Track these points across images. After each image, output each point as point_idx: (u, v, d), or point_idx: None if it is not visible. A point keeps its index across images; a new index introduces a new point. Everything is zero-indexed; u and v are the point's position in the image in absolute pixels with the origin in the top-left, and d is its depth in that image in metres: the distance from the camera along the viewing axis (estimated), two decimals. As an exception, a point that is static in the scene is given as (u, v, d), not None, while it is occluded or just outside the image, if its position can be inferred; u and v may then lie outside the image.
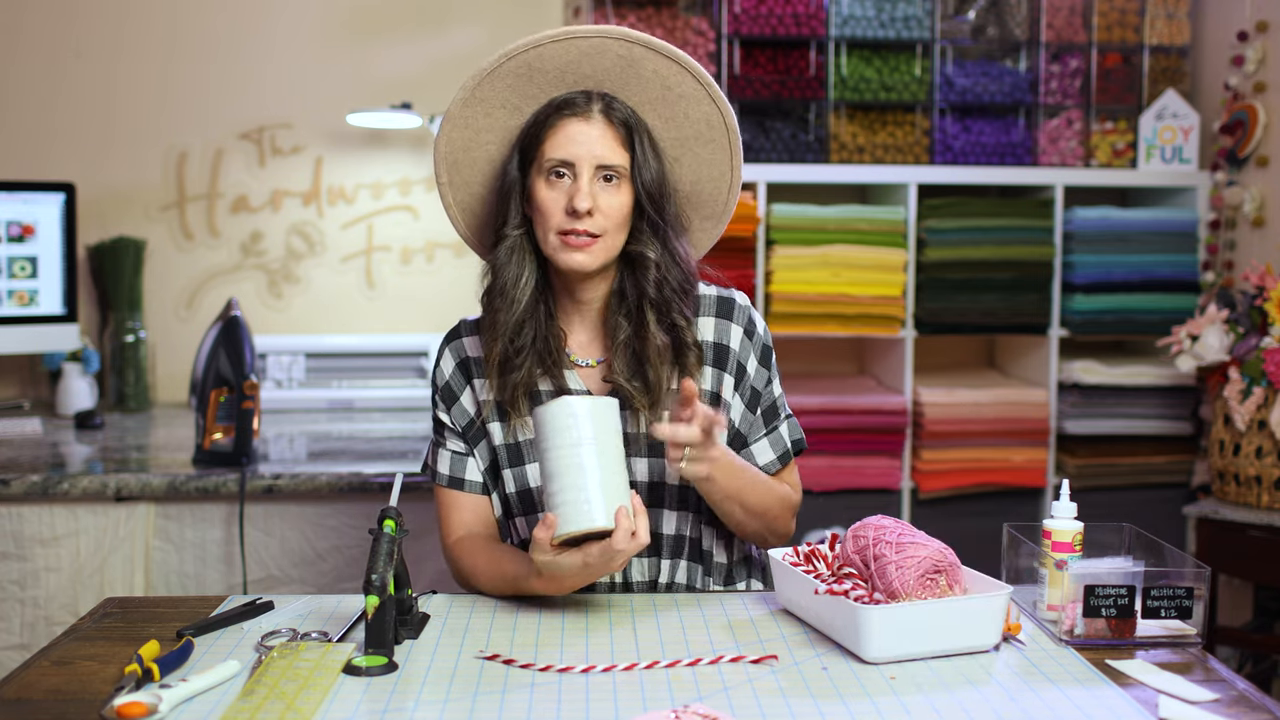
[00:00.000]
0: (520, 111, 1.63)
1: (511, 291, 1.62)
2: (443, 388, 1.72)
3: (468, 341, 1.72)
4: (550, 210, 1.58)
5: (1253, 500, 2.81)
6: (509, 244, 1.63)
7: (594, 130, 1.58)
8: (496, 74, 1.59)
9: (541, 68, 1.59)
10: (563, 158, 1.58)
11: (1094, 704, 1.27)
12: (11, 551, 2.32)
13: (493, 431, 1.68)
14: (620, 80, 1.61)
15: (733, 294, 1.73)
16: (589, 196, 1.56)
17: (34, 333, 3.02)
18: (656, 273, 1.62)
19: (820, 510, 3.09)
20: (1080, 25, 3.26)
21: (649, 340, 1.62)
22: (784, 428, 1.74)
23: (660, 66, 1.60)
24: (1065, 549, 1.52)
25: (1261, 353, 2.74)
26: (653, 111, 1.63)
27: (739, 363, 1.70)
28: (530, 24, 3.32)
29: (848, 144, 3.20)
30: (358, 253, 3.38)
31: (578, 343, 1.69)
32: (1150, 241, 3.22)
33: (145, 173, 3.30)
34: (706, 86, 1.62)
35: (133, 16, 3.27)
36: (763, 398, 1.72)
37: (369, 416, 3.07)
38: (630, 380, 1.63)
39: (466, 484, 1.70)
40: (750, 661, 1.38)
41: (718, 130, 1.66)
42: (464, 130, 1.64)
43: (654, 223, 1.62)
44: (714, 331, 1.69)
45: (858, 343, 3.55)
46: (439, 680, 1.32)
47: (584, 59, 1.58)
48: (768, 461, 1.72)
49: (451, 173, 1.68)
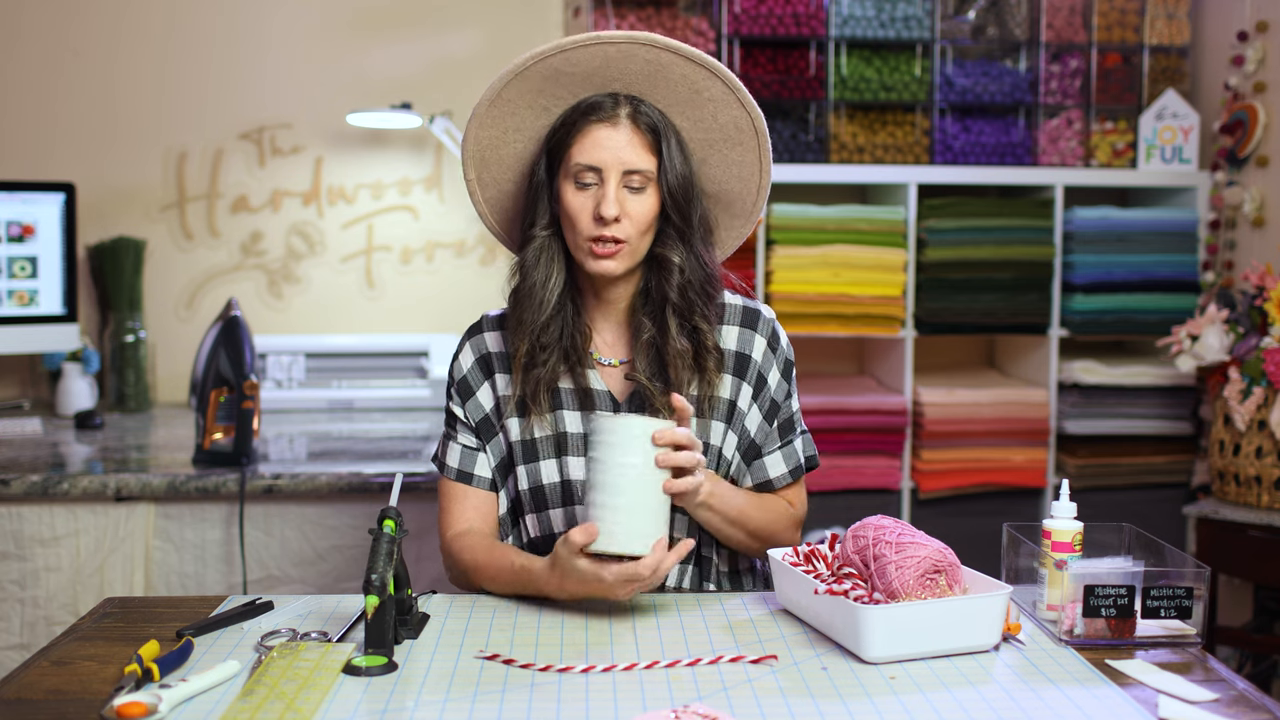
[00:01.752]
0: (548, 112, 1.63)
1: (540, 292, 1.63)
2: (459, 381, 1.72)
3: (489, 337, 1.73)
4: (578, 216, 1.59)
5: (1253, 500, 2.81)
6: (537, 245, 1.64)
7: (621, 136, 1.58)
8: (523, 76, 1.59)
9: (569, 71, 1.59)
10: (589, 163, 1.58)
11: (1094, 704, 1.27)
12: (11, 551, 2.32)
13: (510, 427, 1.69)
14: (648, 84, 1.60)
15: (759, 306, 1.74)
16: (616, 203, 1.57)
17: (34, 333, 3.02)
18: (680, 276, 1.63)
19: (820, 510, 3.09)
20: (1080, 25, 3.26)
21: (670, 343, 1.63)
22: (798, 442, 1.75)
23: (689, 71, 1.59)
24: (1065, 549, 1.52)
25: (1261, 353, 2.74)
26: (680, 113, 1.63)
27: (760, 374, 1.70)
28: (530, 24, 3.32)
29: (848, 144, 3.20)
30: (358, 253, 3.38)
31: (603, 341, 1.70)
32: (1150, 241, 3.22)
33: (145, 173, 3.30)
34: (735, 90, 1.61)
35: (132, 16, 3.27)
36: (781, 411, 1.73)
37: (369, 416, 3.07)
38: (652, 380, 1.64)
39: (475, 479, 1.70)
40: (750, 661, 1.38)
41: (746, 133, 1.66)
42: (491, 129, 1.64)
43: (679, 226, 1.63)
44: (737, 340, 1.70)
45: (858, 343, 3.55)
46: (439, 680, 1.32)
47: (611, 64, 1.58)
48: (779, 474, 1.72)
49: (480, 170, 1.68)
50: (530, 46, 1.60)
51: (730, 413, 1.68)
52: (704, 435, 1.67)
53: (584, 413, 1.67)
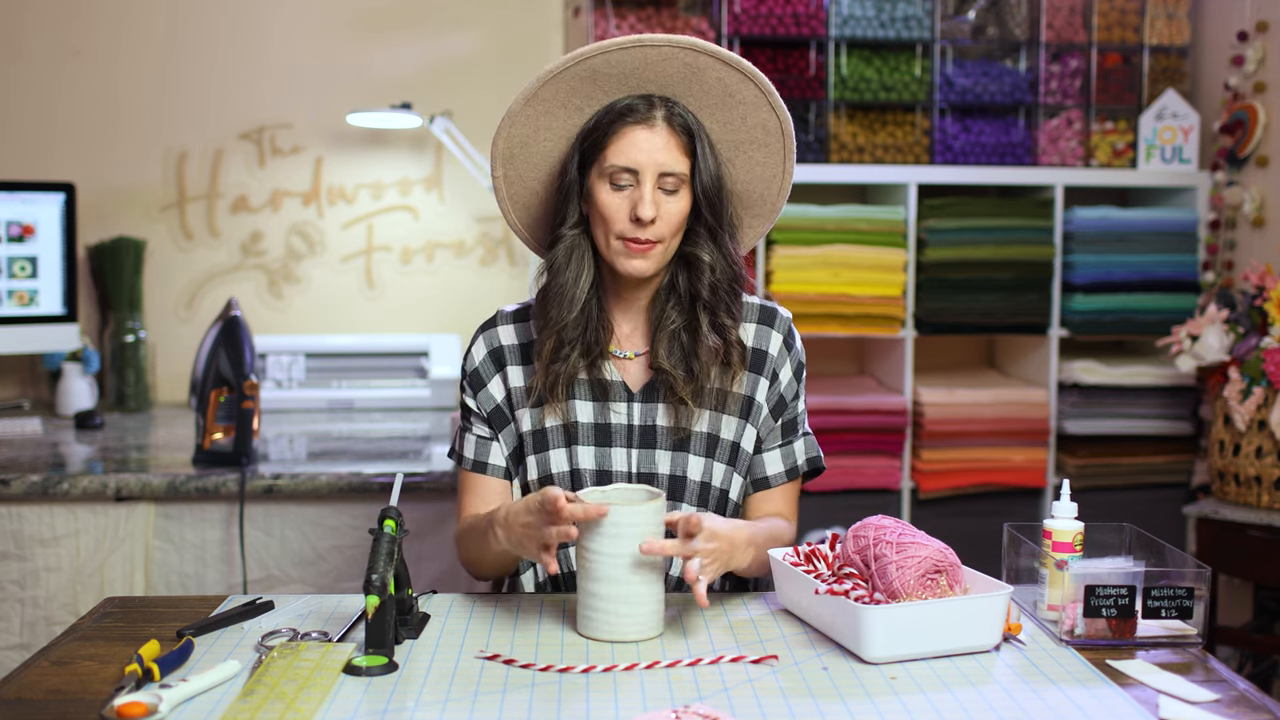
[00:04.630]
0: (582, 111, 1.64)
1: (571, 290, 1.65)
2: (471, 374, 1.75)
3: (502, 330, 1.75)
4: (613, 216, 1.61)
5: (1253, 500, 2.81)
6: (567, 243, 1.66)
7: (658, 138, 1.60)
8: (561, 76, 1.60)
9: (606, 72, 1.60)
10: (626, 165, 1.59)
11: (1094, 704, 1.27)
12: (11, 551, 2.32)
13: (521, 418, 1.71)
14: (683, 86, 1.62)
15: (776, 306, 1.76)
16: (653, 205, 1.59)
17: (34, 333, 3.02)
18: (711, 275, 1.65)
19: (820, 510, 3.09)
20: (1080, 25, 3.26)
21: (701, 341, 1.65)
22: (799, 443, 1.76)
23: (724, 74, 1.61)
24: (1065, 549, 1.52)
25: (1261, 353, 2.74)
26: (710, 115, 1.65)
27: (774, 370, 1.73)
28: (530, 24, 3.32)
29: (848, 144, 3.20)
30: (358, 253, 3.38)
31: (622, 334, 1.72)
32: (1150, 241, 3.22)
33: (145, 173, 3.30)
34: (768, 94, 1.63)
35: (133, 16, 3.27)
36: (787, 409, 1.75)
37: (369, 416, 3.07)
38: (676, 367, 1.66)
39: (489, 468, 1.73)
40: (750, 661, 1.38)
41: (774, 135, 1.67)
42: (523, 128, 1.65)
43: (710, 226, 1.65)
44: (754, 337, 1.73)
45: (858, 343, 3.55)
46: (439, 680, 1.32)
47: (648, 66, 1.60)
48: (775, 472, 1.74)
49: (507, 167, 1.68)
50: (530, 47, 1.61)
51: (748, 408, 1.71)
52: (723, 430, 1.69)
53: (596, 403, 1.69)
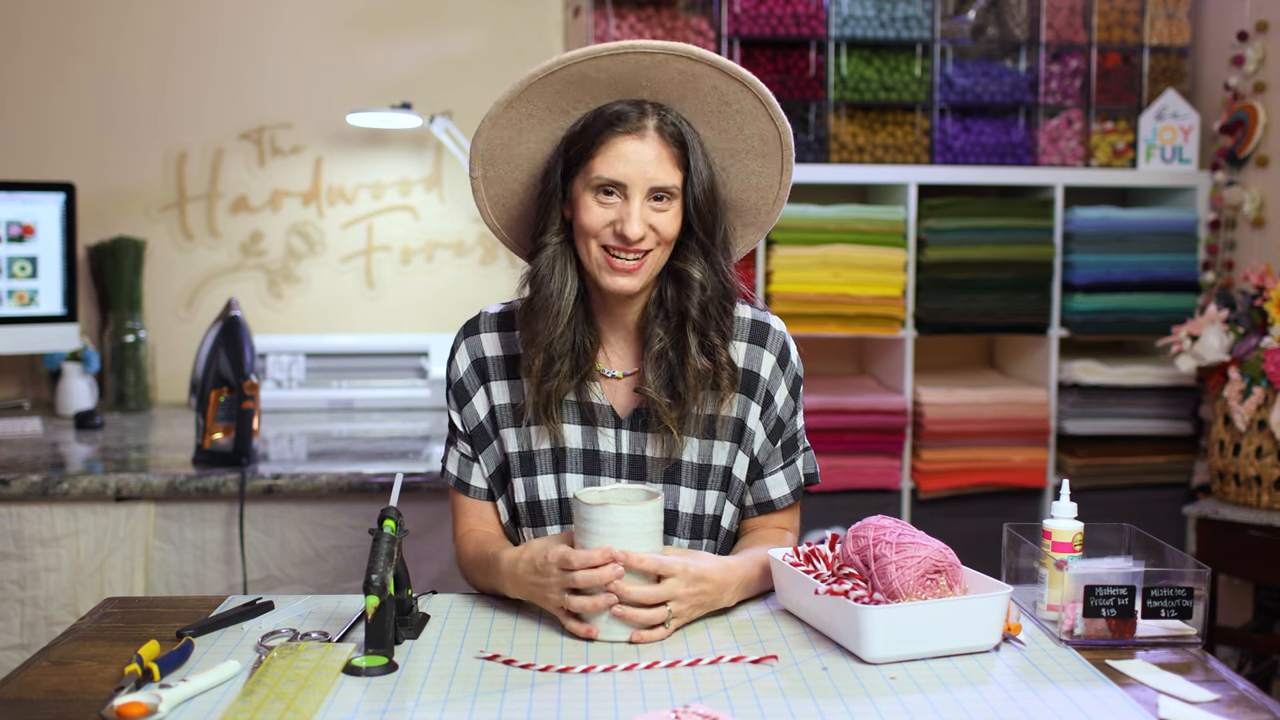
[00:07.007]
0: (568, 115, 1.56)
1: (555, 303, 1.57)
2: (455, 385, 1.69)
3: (486, 339, 1.68)
4: (598, 230, 1.53)
5: (1253, 500, 2.81)
6: (550, 253, 1.58)
7: (648, 150, 1.52)
8: (547, 80, 1.52)
9: (596, 76, 1.52)
10: (614, 178, 1.52)
11: (1094, 704, 1.27)
12: (11, 551, 2.32)
13: (506, 438, 1.65)
14: (677, 93, 1.54)
15: (768, 318, 1.69)
16: (641, 223, 1.52)
17: (34, 333, 3.02)
18: (701, 294, 1.57)
19: (820, 510, 3.09)
20: (1080, 25, 3.26)
21: (689, 363, 1.58)
22: (800, 460, 1.72)
23: (720, 83, 1.53)
24: (1065, 549, 1.52)
25: (1261, 353, 2.74)
26: (706, 123, 1.57)
27: (768, 391, 1.66)
28: (530, 24, 3.32)
29: (848, 144, 3.20)
30: (358, 253, 3.38)
31: (610, 349, 1.65)
32: (1150, 241, 3.22)
33: (145, 173, 3.30)
34: (767, 104, 1.55)
35: (132, 16, 3.26)
36: (786, 429, 1.69)
37: (369, 416, 3.07)
38: (660, 393, 1.59)
39: (471, 489, 1.69)
40: (750, 661, 1.38)
41: (772, 145, 1.60)
42: (505, 129, 1.57)
43: (702, 240, 1.58)
44: (745, 357, 1.65)
45: (858, 343, 3.55)
46: (439, 680, 1.32)
47: (640, 72, 1.51)
48: (780, 495, 1.70)
49: (487, 167, 1.60)
50: (530, 46, 1.58)
51: (740, 432, 1.65)
52: (714, 457, 1.64)
53: (585, 427, 1.63)
